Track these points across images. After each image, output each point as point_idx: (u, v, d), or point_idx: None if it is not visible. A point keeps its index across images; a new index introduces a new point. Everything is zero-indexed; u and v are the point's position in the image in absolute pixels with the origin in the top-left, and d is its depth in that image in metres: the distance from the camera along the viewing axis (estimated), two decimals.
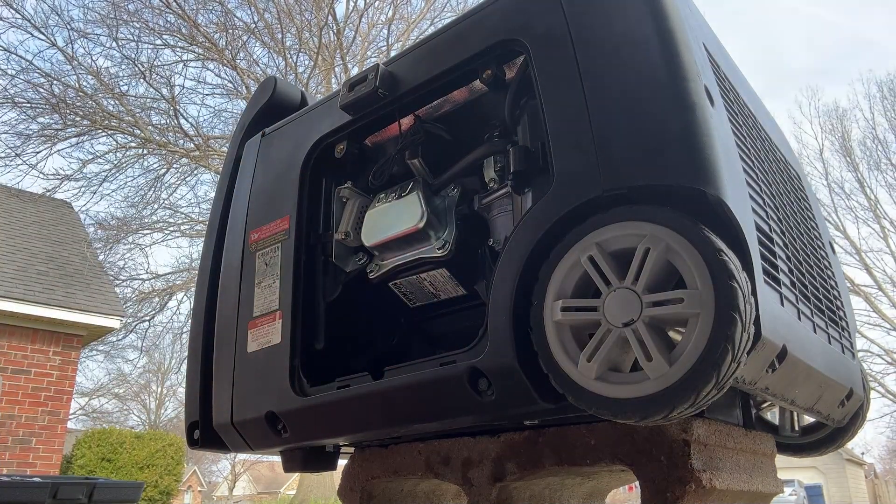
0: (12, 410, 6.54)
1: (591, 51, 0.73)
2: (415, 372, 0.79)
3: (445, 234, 0.87)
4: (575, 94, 0.72)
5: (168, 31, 9.92)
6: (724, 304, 0.58)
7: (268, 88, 1.24)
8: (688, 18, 0.75)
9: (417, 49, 0.94)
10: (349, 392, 0.83)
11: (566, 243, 0.69)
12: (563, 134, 0.72)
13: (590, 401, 0.64)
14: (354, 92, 0.94)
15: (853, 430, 1.07)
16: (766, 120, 1.04)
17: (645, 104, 0.68)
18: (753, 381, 0.69)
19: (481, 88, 0.88)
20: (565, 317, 0.66)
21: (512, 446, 0.88)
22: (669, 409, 0.59)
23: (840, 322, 0.99)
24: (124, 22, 9.36)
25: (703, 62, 0.74)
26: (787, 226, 0.88)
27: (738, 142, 0.77)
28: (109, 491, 3.48)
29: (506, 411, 0.74)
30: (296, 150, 1.03)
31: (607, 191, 0.67)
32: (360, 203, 0.96)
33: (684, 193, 0.65)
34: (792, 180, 1.05)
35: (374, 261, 0.93)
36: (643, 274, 0.63)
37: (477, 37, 0.85)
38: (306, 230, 0.99)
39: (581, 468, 0.83)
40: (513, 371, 0.69)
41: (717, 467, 0.77)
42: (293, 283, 0.95)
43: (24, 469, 6.31)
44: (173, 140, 10.51)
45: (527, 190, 0.83)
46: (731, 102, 0.83)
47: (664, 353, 0.60)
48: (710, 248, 0.60)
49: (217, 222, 1.17)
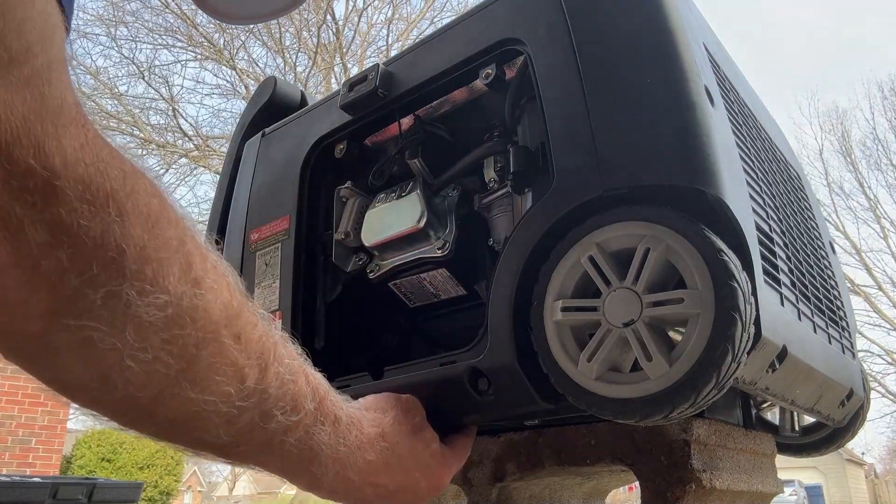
0: (12, 410, 6.54)
1: (591, 51, 0.73)
2: (415, 372, 0.79)
3: (445, 234, 0.87)
4: (575, 94, 0.72)
5: (167, 30, 9.91)
6: (724, 304, 0.58)
7: (268, 88, 1.24)
8: (688, 18, 0.75)
9: (417, 49, 0.94)
10: (349, 392, 0.83)
11: (566, 243, 0.69)
12: (563, 134, 0.72)
13: (590, 401, 0.64)
14: (354, 92, 0.94)
15: (853, 430, 1.07)
16: (766, 120, 1.04)
17: (645, 104, 0.68)
18: (753, 381, 0.69)
19: (481, 88, 0.88)
20: (565, 317, 0.66)
21: (512, 446, 0.88)
22: (669, 409, 0.59)
23: (840, 322, 0.99)
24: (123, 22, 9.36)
25: (704, 62, 0.74)
26: (788, 226, 0.88)
27: (738, 142, 0.77)
28: (109, 491, 3.48)
29: (506, 411, 0.74)
30: (296, 149, 1.03)
31: (607, 191, 0.67)
32: (360, 203, 0.96)
33: (684, 193, 0.65)
34: (792, 180, 1.05)
35: (374, 261, 0.93)
36: (643, 274, 0.63)
37: (477, 36, 0.85)
38: (306, 230, 0.99)
39: (581, 468, 0.83)
40: (513, 371, 0.69)
41: (717, 467, 0.77)
42: (293, 283, 0.95)
43: (24, 469, 6.31)
44: (172, 140, 10.51)
45: (527, 190, 0.83)
46: (731, 102, 0.83)
47: (664, 353, 0.60)
48: (710, 248, 0.60)
49: (217, 222, 1.17)
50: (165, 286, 0.40)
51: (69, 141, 0.36)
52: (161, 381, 0.42)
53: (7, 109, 0.33)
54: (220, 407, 0.46)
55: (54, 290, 0.36)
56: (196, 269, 0.43)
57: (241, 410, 0.48)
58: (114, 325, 0.39)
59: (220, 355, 0.45)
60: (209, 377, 0.45)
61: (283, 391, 0.51)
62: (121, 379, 0.41)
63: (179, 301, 0.41)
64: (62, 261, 0.36)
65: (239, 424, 0.48)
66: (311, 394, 0.54)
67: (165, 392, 0.43)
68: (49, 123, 0.35)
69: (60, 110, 0.36)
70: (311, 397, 0.54)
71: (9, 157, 0.34)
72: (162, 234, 0.40)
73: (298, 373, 0.53)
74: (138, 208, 0.39)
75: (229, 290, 0.46)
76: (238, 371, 0.46)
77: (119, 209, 0.38)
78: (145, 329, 0.40)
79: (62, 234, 0.36)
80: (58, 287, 0.36)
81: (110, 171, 0.38)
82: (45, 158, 0.35)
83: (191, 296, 0.42)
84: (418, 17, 10.93)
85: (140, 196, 0.39)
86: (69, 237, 0.36)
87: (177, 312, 0.41)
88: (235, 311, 0.46)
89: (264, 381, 0.49)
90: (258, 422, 0.50)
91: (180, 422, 0.46)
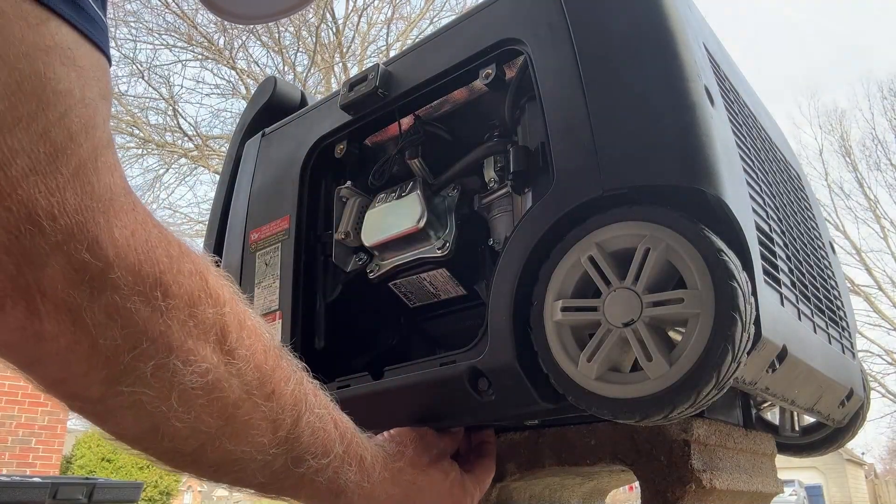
0: (12, 410, 6.53)
1: (591, 51, 0.73)
2: (415, 372, 0.79)
3: (445, 234, 0.87)
4: (575, 94, 0.72)
5: (167, 30, 9.91)
6: (724, 304, 0.58)
7: (268, 88, 1.24)
8: (688, 18, 0.75)
9: (417, 49, 0.94)
10: (349, 392, 0.83)
11: (566, 243, 0.69)
12: (563, 134, 0.72)
13: (590, 401, 0.64)
14: (354, 92, 0.94)
15: (853, 430, 1.07)
16: (766, 120, 1.04)
17: (645, 104, 0.68)
18: (753, 381, 0.69)
19: (481, 88, 0.88)
20: (565, 317, 0.66)
21: (512, 446, 0.88)
22: (670, 409, 0.59)
23: (840, 322, 0.99)
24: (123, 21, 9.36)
25: (704, 62, 0.74)
26: (788, 226, 0.88)
27: (738, 142, 0.77)
28: (109, 491, 3.48)
29: (506, 411, 0.74)
30: (296, 149, 1.03)
31: (607, 191, 0.67)
32: (360, 203, 0.96)
33: (684, 193, 0.65)
34: (792, 180, 1.05)
35: (374, 261, 0.93)
36: (643, 274, 0.63)
37: (477, 36, 0.85)
38: (306, 230, 0.99)
39: (581, 468, 0.83)
40: (513, 371, 0.69)
41: (717, 467, 0.77)
42: (293, 284, 0.95)
43: (24, 469, 6.31)
44: (172, 140, 10.51)
45: (527, 190, 0.83)
46: (731, 102, 0.82)
47: (664, 353, 0.60)
48: (710, 248, 0.60)
49: (217, 222, 1.17)
50: (204, 356, 0.46)
51: (120, 231, 0.39)
52: (202, 436, 0.48)
53: (60, 206, 0.36)
54: (255, 455, 0.52)
55: (110, 363, 0.41)
56: (231, 339, 0.48)
57: (274, 456, 0.53)
58: (161, 392, 0.44)
59: (254, 412, 0.50)
60: (245, 431, 0.50)
61: (314, 438, 0.56)
62: (168, 433, 0.46)
63: (217, 369, 0.47)
64: (116, 339, 0.41)
65: (273, 468, 0.54)
66: (339, 438, 0.60)
67: (206, 445, 0.49)
68: (101, 216, 0.38)
69: (111, 201, 0.39)
70: (340, 441, 0.60)
71: (66, 253, 0.37)
72: (202, 312, 0.45)
73: (328, 420, 0.59)
74: (182, 290, 0.44)
75: (264, 352, 0.52)
76: (272, 423, 0.52)
77: (165, 292, 0.42)
78: (188, 394, 0.45)
79: (116, 315, 0.40)
80: (113, 361, 0.41)
81: (158, 256, 0.42)
82: (98, 251, 0.38)
83: (226, 364, 0.48)
84: (418, 17, 10.92)
85: (184, 278, 0.44)
86: (122, 318, 0.40)
87: (215, 378, 0.47)
88: (269, 370, 0.52)
89: (297, 430, 0.54)
90: (290, 465, 0.55)
91: (220, 467, 0.52)
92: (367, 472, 0.63)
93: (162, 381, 0.44)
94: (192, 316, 0.44)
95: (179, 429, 0.46)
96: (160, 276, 0.42)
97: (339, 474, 0.59)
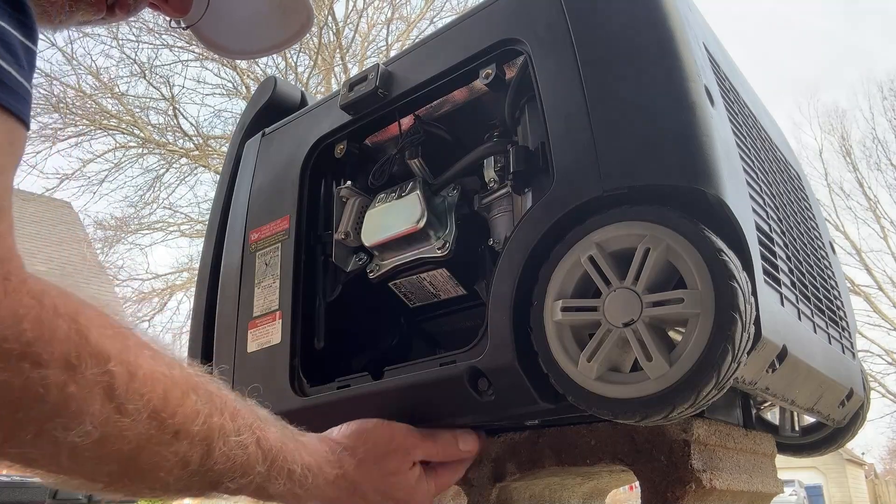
0: None
1: (591, 50, 0.73)
2: (415, 372, 0.79)
3: (445, 234, 0.87)
4: (575, 94, 0.72)
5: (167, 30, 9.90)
6: (724, 304, 0.58)
7: (268, 88, 1.24)
8: (688, 18, 0.75)
9: (417, 49, 0.94)
10: (349, 392, 0.83)
11: (566, 243, 0.69)
12: (563, 134, 0.72)
13: (590, 401, 0.64)
14: (354, 92, 0.94)
15: (853, 430, 1.07)
16: (766, 120, 1.04)
17: (645, 104, 0.68)
18: (753, 381, 0.69)
19: (481, 88, 0.88)
20: (565, 317, 0.66)
21: (512, 446, 0.88)
22: (670, 409, 0.59)
23: (840, 322, 0.99)
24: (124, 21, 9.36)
25: (704, 62, 0.74)
26: (788, 226, 0.88)
27: (738, 142, 0.77)
28: None
29: (506, 411, 0.74)
30: (296, 149, 1.03)
31: (607, 191, 0.67)
32: (360, 203, 0.96)
33: (684, 193, 0.65)
34: (792, 180, 1.05)
35: (374, 261, 0.93)
36: (643, 274, 0.63)
37: (477, 36, 0.85)
38: (306, 230, 0.99)
39: (581, 468, 0.83)
40: (513, 371, 0.69)
41: (717, 467, 0.77)
42: (293, 283, 0.95)
43: None
44: (173, 140, 10.50)
45: (527, 190, 0.83)
46: (731, 102, 0.82)
47: (664, 353, 0.60)
48: (710, 248, 0.60)
49: (217, 222, 1.17)
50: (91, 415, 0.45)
51: None
52: (108, 477, 0.50)
53: None
54: (170, 482, 0.53)
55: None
56: (118, 394, 0.47)
57: (190, 483, 0.55)
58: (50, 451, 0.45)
59: (157, 455, 0.51)
60: (151, 471, 0.51)
61: (230, 464, 0.57)
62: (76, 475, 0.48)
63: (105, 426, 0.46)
64: None
65: (192, 489, 0.56)
66: (262, 458, 0.60)
67: (116, 482, 0.51)
68: None
69: None
70: (263, 460, 0.60)
71: None
72: (82, 374, 0.45)
73: (249, 443, 0.59)
74: (55, 355, 0.43)
75: (164, 396, 0.51)
76: (180, 460, 0.53)
77: (36, 360, 0.42)
78: (78, 451, 0.46)
79: None
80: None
81: (25, 324, 0.41)
82: None
83: (115, 419, 0.47)
84: (418, 17, 10.93)
85: (57, 343, 0.43)
86: None
87: (104, 434, 0.46)
88: (170, 414, 0.51)
89: (209, 461, 0.55)
90: (208, 487, 0.57)
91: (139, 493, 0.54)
92: (296, 482, 0.64)
93: (47, 443, 0.44)
94: (71, 380, 0.44)
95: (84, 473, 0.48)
96: (28, 345, 0.41)
97: (265, 487, 0.61)
